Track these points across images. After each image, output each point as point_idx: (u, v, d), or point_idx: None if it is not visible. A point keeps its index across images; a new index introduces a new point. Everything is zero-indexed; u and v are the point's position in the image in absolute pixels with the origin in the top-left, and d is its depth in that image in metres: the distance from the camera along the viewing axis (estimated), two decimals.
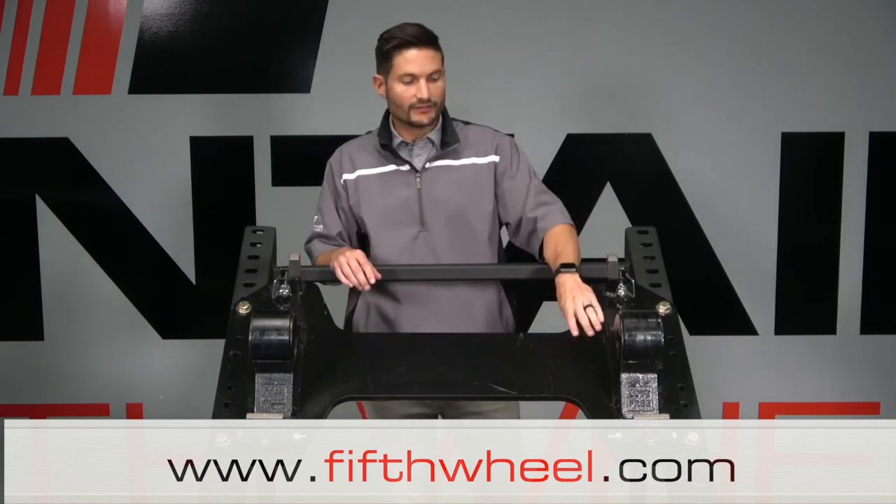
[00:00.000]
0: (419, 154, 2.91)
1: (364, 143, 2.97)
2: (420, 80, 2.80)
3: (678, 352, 2.52)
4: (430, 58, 2.81)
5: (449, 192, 2.89)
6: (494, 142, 2.93)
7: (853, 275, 3.96)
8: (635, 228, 2.94)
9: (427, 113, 2.83)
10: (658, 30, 3.84)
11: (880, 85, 3.87)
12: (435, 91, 2.82)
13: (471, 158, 2.91)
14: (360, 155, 2.95)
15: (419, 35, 2.81)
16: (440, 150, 2.90)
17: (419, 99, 2.81)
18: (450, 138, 2.89)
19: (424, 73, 2.80)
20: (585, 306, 2.51)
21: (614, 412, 2.41)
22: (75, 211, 3.95)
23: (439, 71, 2.83)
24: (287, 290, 2.63)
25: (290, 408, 2.39)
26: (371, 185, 2.92)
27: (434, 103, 2.83)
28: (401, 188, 2.90)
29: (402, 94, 2.82)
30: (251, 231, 2.93)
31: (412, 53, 2.80)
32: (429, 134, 2.90)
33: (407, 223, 2.90)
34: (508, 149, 2.93)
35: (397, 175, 2.91)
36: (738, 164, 3.91)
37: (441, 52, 2.84)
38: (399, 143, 2.91)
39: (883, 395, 4.04)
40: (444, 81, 2.86)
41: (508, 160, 2.91)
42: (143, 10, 3.83)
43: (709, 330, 3.97)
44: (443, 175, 2.90)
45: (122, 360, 4.01)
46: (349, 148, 2.99)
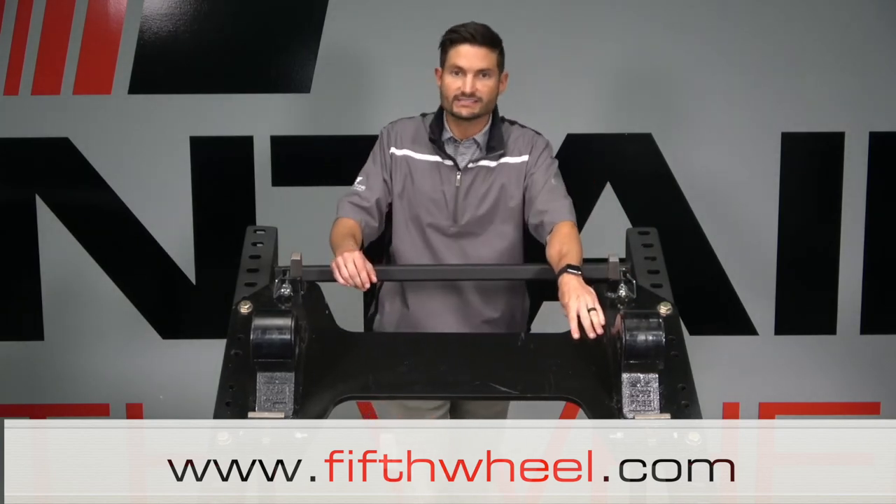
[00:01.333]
0: (464, 153, 2.97)
1: (418, 126, 3.02)
2: (468, 75, 2.86)
3: (679, 352, 2.53)
4: (481, 55, 2.87)
5: (485, 191, 2.95)
6: (531, 143, 2.99)
7: (853, 275, 3.96)
8: (636, 229, 2.96)
9: (468, 107, 2.88)
10: (658, 30, 3.84)
11: (880, 85, 3.87)
12: (481, 88, 2.88)
13: (506, 158, 2.98)
14: (411, 136, 3.00)
15: (475, 32, 2.88)
16: (484, 153, 2.96)
17: (462, 92, 2.87)
18: (495, 143, 2.96)
19: (473, 68, 2.86)
20: (589, 309, 2.53)
21: (615, 412, 2.41)
22: (75, 211, 3.95)
23: (490, 70, 2.88)
24: (288, 290, 2.64)
25: (291, 407, 2.39)
26: (414, 170, 2.97)
27: (478, 99, 2.88)
28: (441, 182, 2.96)
29: (449, 85, 2.90)
30: (253, 231, 2.94)
31: (465, 48, 2.87)
32: (476, 135, 2.95)
33: (440, 217, 2.96)
34: (540, 150, 2.99)
35: (440, 168, 2.97)
36: (738, 164, 3.91)
37: (498, 55, 2.91)
38: (448, 137, 2.96)
39: (883, 395, 4.04)
40: (497, 83, 2.92)
41: (536, 159, 2.98)
42: (143, 10, 3.83)
43: (709, 330, 3.98)
44: (482, 175, 2.96)
45: (122, 360, 4.01)
46: (403, 125, 3.04)
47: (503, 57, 2.94)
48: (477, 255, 2.96)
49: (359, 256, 2.78)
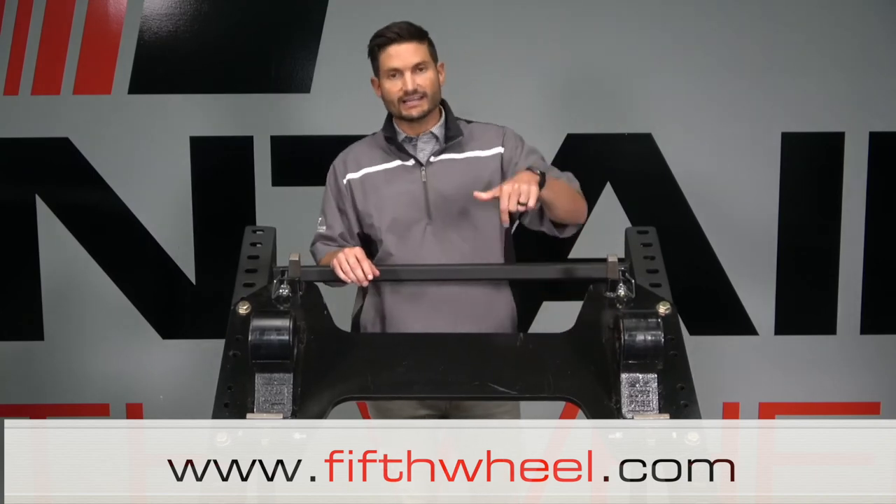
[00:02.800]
0: (423, 148, 2.93)
1: (370, 143, 3.00)
2: (405, 74, 2.84)
3: (678, 352, 2.53)
4: (412, 50, 2.84)
5: (453, 184, 2.91)
6: (499, 134, 2.96)
7: (853, 275, 3.96)
8: (635, 228, 2.95)
9: (416, 106, 2.86)
10: (658, 30, 3.84)
11: (880, 85, 3.87)
12: (422, 82, 2.85)
13: (474, 152, 2.94)
14: (365, 154, 2.98)
15: (400, 31, 2.85)
16: (444, 144, 2.92)
17: (405, 92, 2.84)
18: (453, 132, 2.92)
19: (408, 65, 2.83)
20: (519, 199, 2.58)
21: (614, 412, 2.41)
22: (75, 211, 3.95)
23: (425, 62, 2.85)
24: (287, 290, 2.63)
25: (289, 408, 2.39)
26: (377, 181, 2.94)
27: (423, 94, 2.85)
28: (407, 182, 2.92)
29: (390, 90, 2.87)
30: (251, 231, 2.93)
31: (394, 49, 2.84)
32: (431, 129, 2.92)
33: (413, 217, 2.92)
34: (513, 139, 2.97)
35: (403, 170, 2.93)
36: (738, 164, 3.91)
37: (428, 46, 2.87)
38: (403, 138, 2.93)
39: (883, 395, 4.04)
40: (436, 73, 2.89)
41: (513, 149, 2.95)
42: (143, 10, 3.83)
43: (709, 330, 3.97)
44: (447, 168, 2.92)
45: (122, 360, 4.01)
46: (354, 149, 3.02)
47: (434, 48, 2.90)
48: (458, 249, 2.91)
49: (359, 251, 2.78)
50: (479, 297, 2.93)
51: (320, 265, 2.96)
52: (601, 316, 2.61)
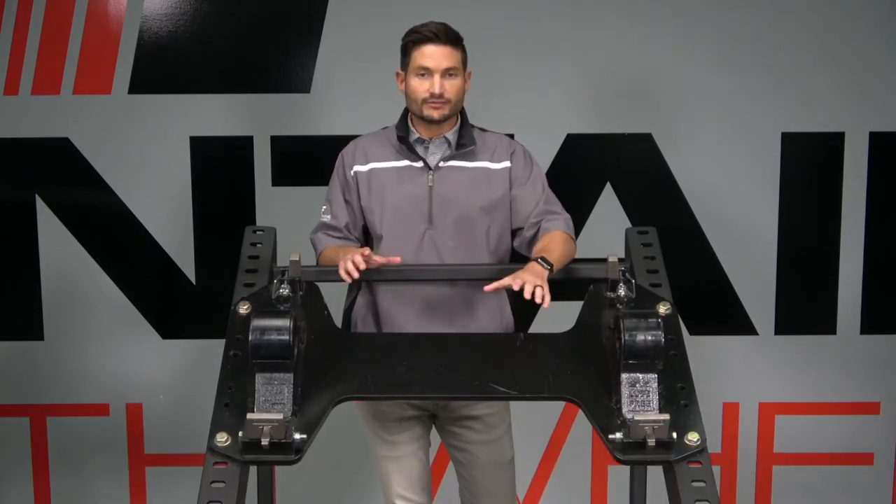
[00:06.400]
0: (434, 152, 2.92)
1: (380, 137, 2.98)
2: (434, 76, 2.82)
3: (678, 352, 2.53)
4: (446, 55, 2.82)
5: (459, 192, 2.89)
6: (510, 149, 2.95)
7: (853, 275, 3.96)
8: (635, 229, 2.95)
9: (439, 109, 2.84)
10: (658, 30, 3.84)
11: (880, 85, 3.86)
12: (449, 88, 2.83)
13: (484, 162, 2.92)
14: (375, 148, 2.96)
15: (438, 32, 2.83)
16: (455, 151, 2.91)
17: (431, 94, 2.82)
18: (466, 140, 2.91)
19: (439, 68, 2.82)
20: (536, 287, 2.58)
21: (614, 412, 2.41)
22: (75, 211, 3.95)
23: (456, 69, 2.84)
24: (287, 290, 2.63)
25: (290, 408, 2.38)
26: (383, 178, 2.92)
27: (447, 100, 2.84)
28: (412, 184, 2.90)
29: (416, 88, 2.85)
30: (251, 231, 2.93)
31: (429, 49, 2.82)
32: (446, 133, 2.91)
33: (415, 219, 2.90)
34: (522, 157, 2.96)
35: (410, 171, 2.91)
36: (738, 164, 3.91)
37: (462, 52, 2.87)
38: (416, 138, 2.92)
39: (883, 395, 4.03)
40: (463, 81, 2.88)
41: (521, 168, 2.94)
42: (143, 10, 3.83)
43: (709, 330, 3.97)
44: (455, 175, 2.90)
45: (122, 360, 4.01)
46: (364, 141, 2.99)
47: (466, 55, 2.89)
48: (455, 258, 2.88)
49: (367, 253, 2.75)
50: (473, 298, 2.91)
51: (320, 258, 2.95)
52: (601, 316, 2.61)
